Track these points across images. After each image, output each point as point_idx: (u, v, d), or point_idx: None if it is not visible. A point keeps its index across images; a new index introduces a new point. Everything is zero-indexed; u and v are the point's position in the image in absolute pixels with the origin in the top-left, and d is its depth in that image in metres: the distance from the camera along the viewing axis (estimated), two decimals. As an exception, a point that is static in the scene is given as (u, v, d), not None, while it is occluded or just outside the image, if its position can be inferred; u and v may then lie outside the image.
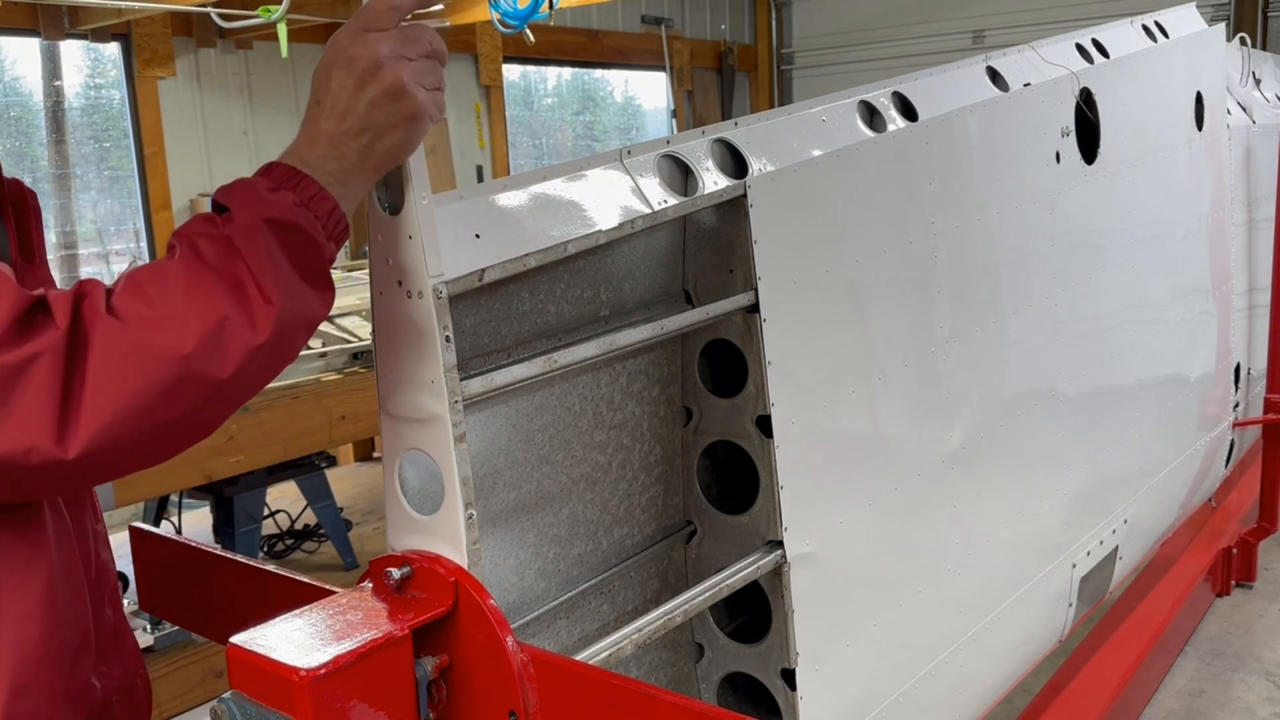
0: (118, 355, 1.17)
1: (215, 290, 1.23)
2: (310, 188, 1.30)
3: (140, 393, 1.19)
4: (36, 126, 9.44)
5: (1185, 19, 3.88)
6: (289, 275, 1.28)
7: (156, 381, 1.19)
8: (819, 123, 2.27)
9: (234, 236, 1.25)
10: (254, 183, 1.30)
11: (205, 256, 1.24)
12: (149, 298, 1.21)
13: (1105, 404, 3.33)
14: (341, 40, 1.37)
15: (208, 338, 1.21)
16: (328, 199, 1.32)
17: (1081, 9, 10.95)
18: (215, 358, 1.22)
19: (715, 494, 2.30)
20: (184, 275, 1.23)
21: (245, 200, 1.28)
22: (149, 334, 1.19)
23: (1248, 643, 4.53)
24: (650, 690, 1.45)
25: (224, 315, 1.22)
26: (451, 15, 9.33)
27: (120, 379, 1.17)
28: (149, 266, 1.24)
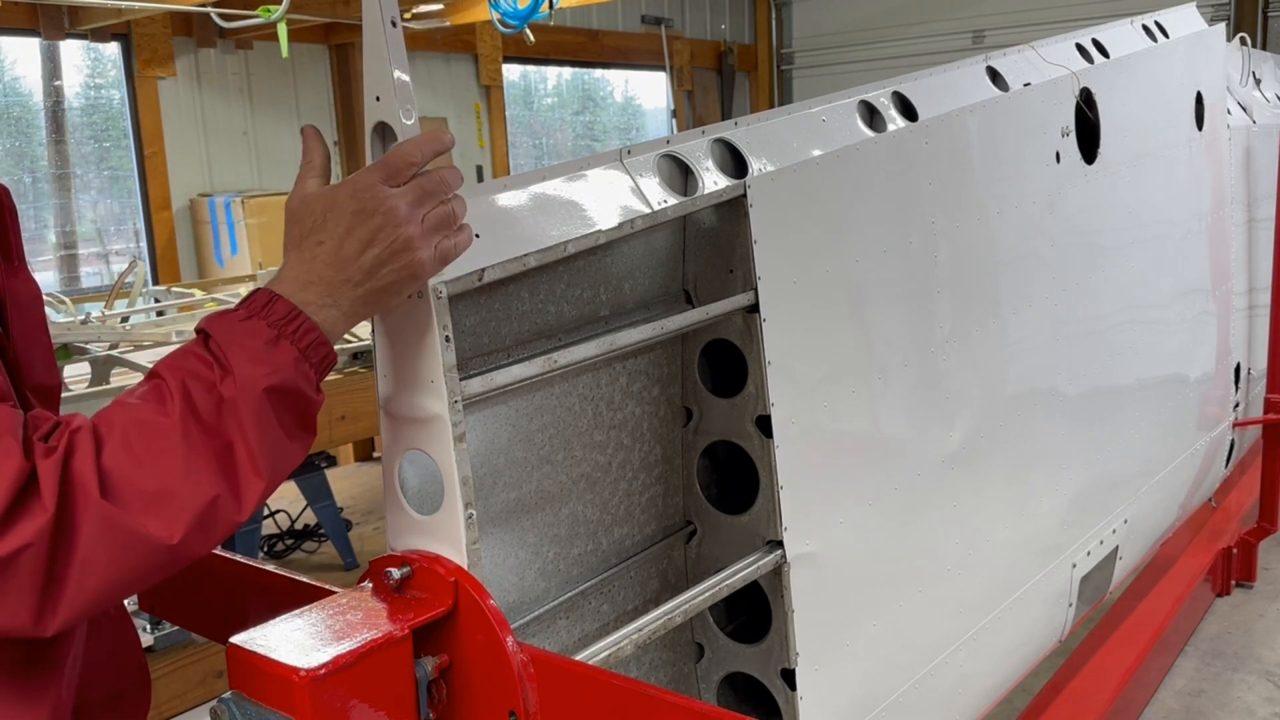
0: (106, 545, 1.15)
1: (208, 463, 1.21)
2: (309, 334, 1.30)
3: (124, 579, 1.18)
4: (36, 126, 9.44)
5: (1185, 19, 3.88)
6: (279, 441, 1.27)
7: (142, 568, 1.19)
8: (819, 123, 2.27)
9: (233, 400, 1.23)
10: (253, 329, 1.28)
11: (200, 415, 1.22)
12: (141, 465, 1.18)
13: (1105, 404, 3.33)
14: (360, 184, 1.34)
15: (197, 523, 1.20)
16: (324, 345, 1.32)
17: (1081, 9, 10.96)
18: (200, 540, 1.21)
19: (715, 494, 2.30)
20: (179, 442, 1.20)
21: (245, 356, 1.25)
22: (139, 520, 1.17)
23: (1248, 643, 4.53)
24: (650, 690, 1.45)
25: (215, 495, 1.21)
26: (451, 15, 9.33)
27: (106, 568, 1.16)
28: (142, 417, 1.21)
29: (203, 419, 1.22)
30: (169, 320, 5.96)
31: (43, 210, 9.51)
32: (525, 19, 6.73)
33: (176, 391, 1.23)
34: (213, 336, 1.28)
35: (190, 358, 1.27)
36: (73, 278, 9.67)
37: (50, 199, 9.52)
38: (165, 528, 1.18)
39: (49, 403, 1.50)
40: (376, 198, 1.33)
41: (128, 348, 5.52)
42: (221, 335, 1.27)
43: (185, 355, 1.27)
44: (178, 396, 1.22)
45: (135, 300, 6.92)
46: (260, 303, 1.30)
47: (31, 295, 1.49)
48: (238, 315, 1.29)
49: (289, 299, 1.30)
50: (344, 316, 1.34)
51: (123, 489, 1.17)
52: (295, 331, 1.29)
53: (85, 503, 1.14)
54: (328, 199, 1.34)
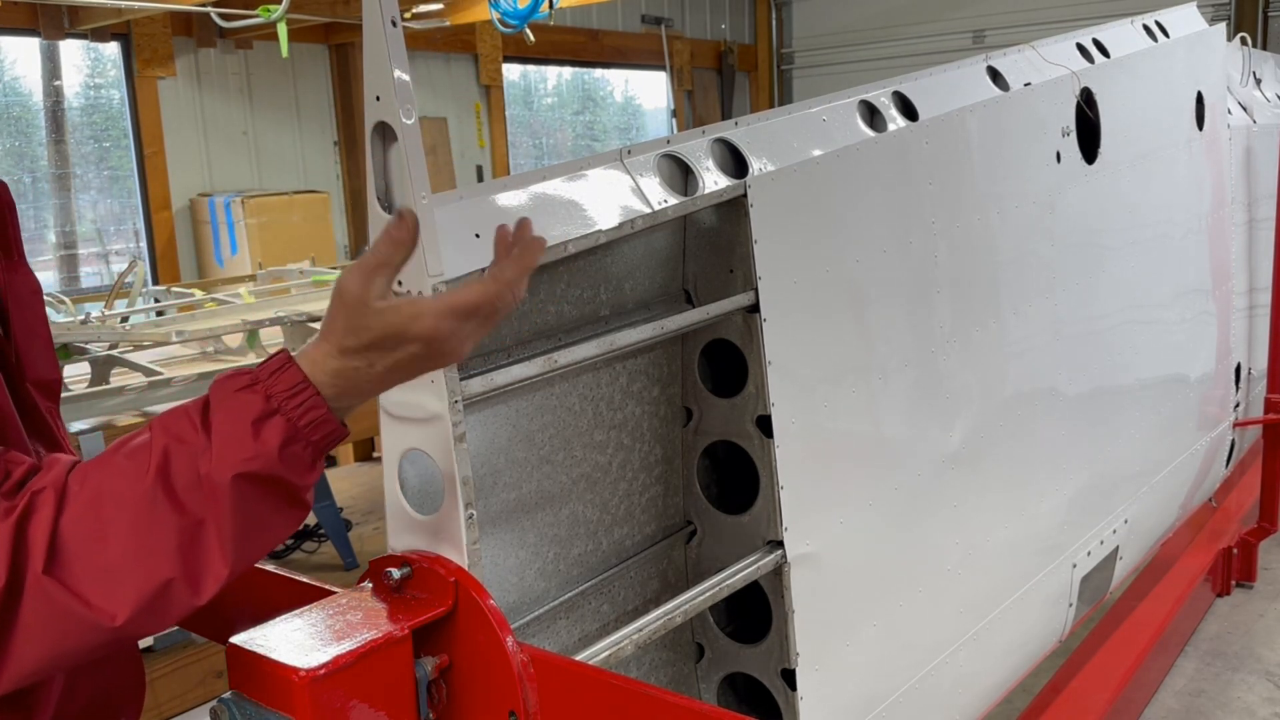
0: (45, 618, 1.11)
1: (168, 543, 1.14)
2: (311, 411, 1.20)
3: (64, 653, 1.15)
4: (36, 126, 9.44)
5: (1186, 19, 3.88)
6: (259, 523, 1.19)
7: (82, 646, 1.15)
8: (819, 122, 2.27)
9: (210, 478, 1.15)
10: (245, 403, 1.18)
11: (174, 489, 1.15)
12: (96, 538, 1.12)
13: (1105, 404, 3.33)
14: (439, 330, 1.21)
15: (144, 606, 1.14)
16: (328, 423, 1.21)
17: (1081, 9, 10.96)
18: (147, 623, 1.15)
19: (715, 494, 2.30)
20: (144, 516, 1.14)
21: (227, 434, 1.16)
22: (83, 596, 1.11)
23: (1248, 643, 4.53)
24: (650, 690, 1.45)
25: (169, 579, 1.14)
26: (451, 15, 9.33)
27: (44, 641, 1.12)
28: (112, 484, 1.14)
29: (175, 493, 1.15)
30: (169, 320, 5.96)
31: (42, 210, 9.51)
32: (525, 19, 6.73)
33: (155, 458, 1.16)
34: (210, 400, 1.19)
35: (183, 420, 1.19)
36: (72, 278, 9.67)
37: (50, 199, 9.52)
38: (109, 606, 1.13)
39: (50, 396, 1.50)
40: (447, 351, 1.23)
41: (127, 348, 5.52)
42: (216, 402, 1.19)
43: (180, 416, 1.19)
44: (154, 465, 1.15)
45: (135, 300, 6.91)
46: (270, 368, 1.21)
47: (31, 290, 1.47)
48: (240, 381, 1.20)
49: (306, 374, 1.20)
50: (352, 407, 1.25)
51: (72, 561, 1.12)
52: (296, 407, 1.19)
53: (30, 573, 1.10)
54: (398, 331, 1.19)
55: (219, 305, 6.29)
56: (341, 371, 1.21)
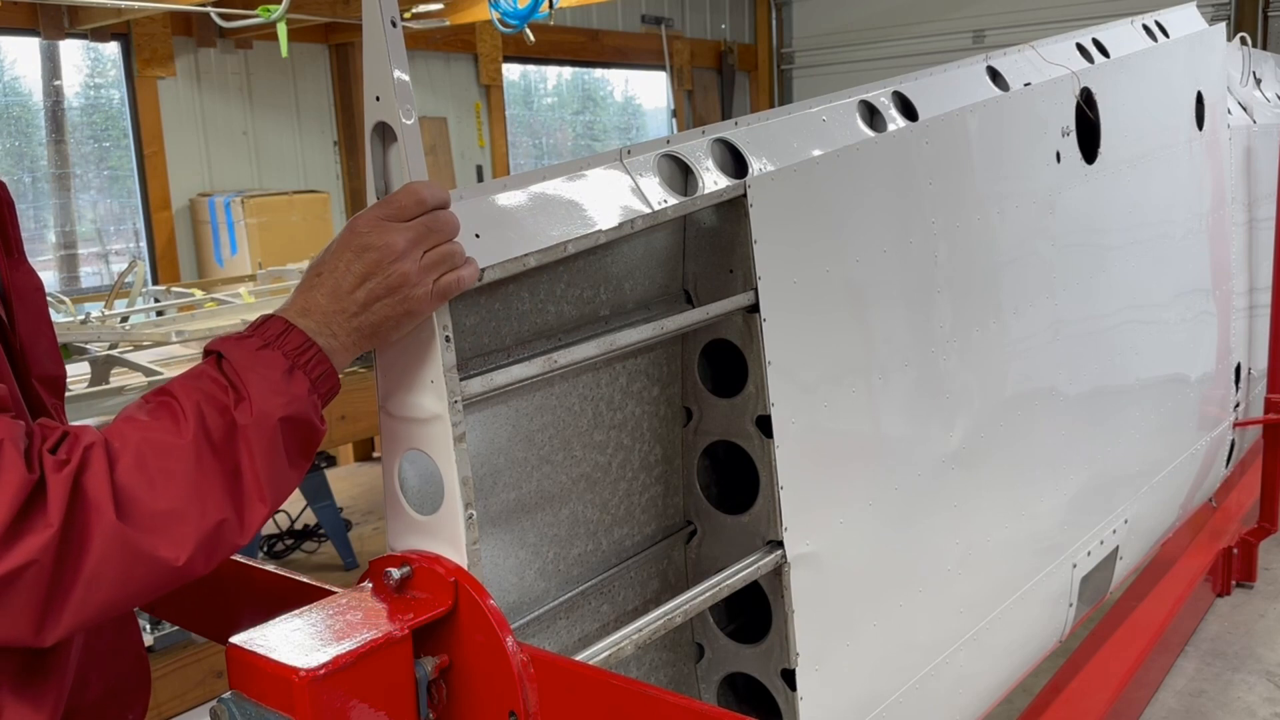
0: (115, 563, 1.16)
1: (217, 486, 1.23)
2: (320, 365, 1.33)
3: (128, 595, 1.20)
4: (36, 126, 9.44)
5: (1186, 19, 3.88)
6: (285, 470, 1.31)
7: (146, 586, 1.21)
8: (819, 122, 2.27)
9: (246, 427, 1.25)
10: (271, 359, 1.30)
11: (213, 438, 1.24)
12: (153, 485, 1.19)
13: (1106, 404, 3.33)
14: (360, 225, 1.38)
15: (203, 544, 1.22)
16: (332, 376, 1.35)
17: (1081, 9, 10.96)
18: (204, 562, 1.24)
19: (715, 494, 2.30)
20: (191, 464, 1.22)
21: (264, 385, 1.28)
22: (149, 540, 1.18)
23: (1248, 643, 4.53)
24: (650, 690, 1.45)
25: (222, 518, 1.24)
26: (451, 15, 9.33)
27: (112, 585, 1.17)
28: (155, 436, 1.22)
29: (215, 443, 1.24)
30: (169, 320, 5.96)
31: (42, 210, 9.51)
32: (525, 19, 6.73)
33: (190, 413, 1.24)
34: (228, 360, 1.29)
35: (205, 379, 1.28)
36: (72, 278, 9.67)
37: (50, 199, 9.52)
38: (173, 548, 1.20)
39: (55, 393, 1.50)
40: (377, 230, 1.36)
41: (127, 348, 5.52)
42: (239, 361, 1.29)
43: (199, 377, 1.28)
44: (191, 418, 1.24)
45: (135, 300, 6.92)
46: (275, 331, 1.32)
47: (33, 286, 1.49)
48: (253, 343, 1.31)
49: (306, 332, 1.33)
50: (342, 348, 1.36)
51: (135, 508, 1.18)
52: (308, 362, 1.32)
53: (99, 520, 1.15)
54: (339, 238, 1.38)
55: (219, 305, 6.29)
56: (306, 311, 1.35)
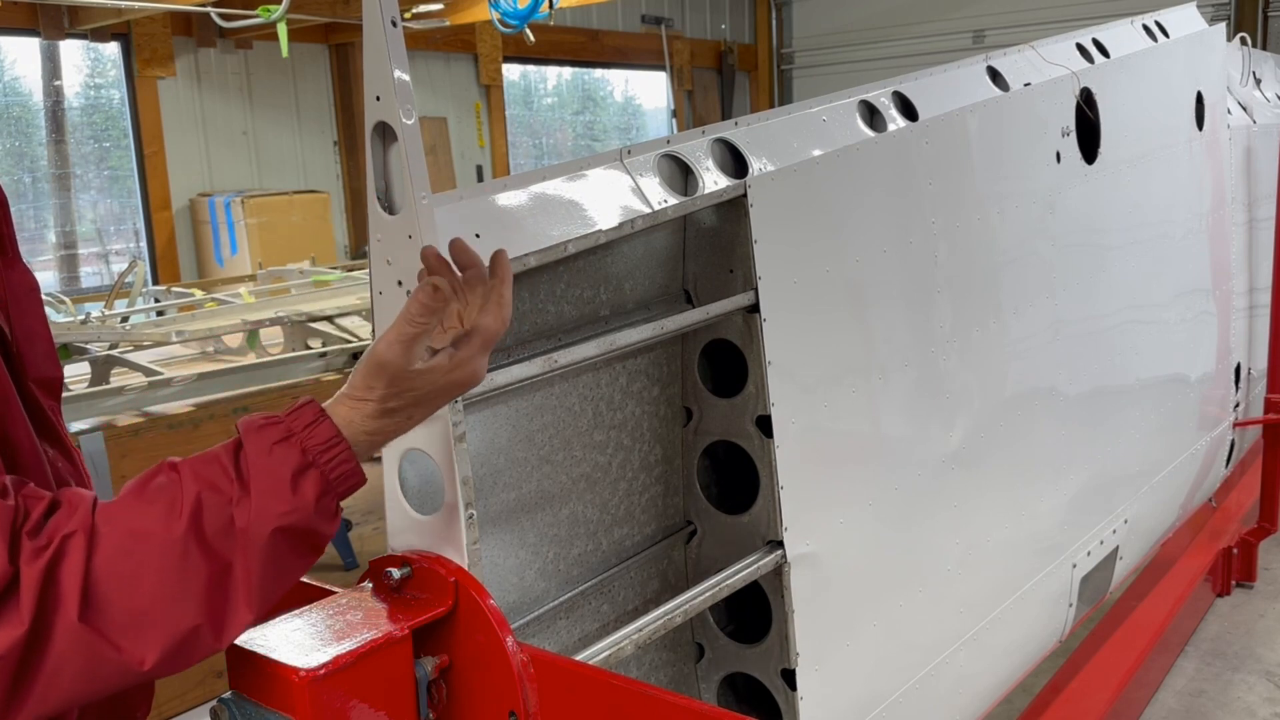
0: (75, 663, 1.12)
1: (198, 589, 1.16)
2: (343, 464, 1.25)
3: (87, 693, 1.15)
4: (36, 126, 9.45)
5: (1185, 19, 3.88)
6: (280, 576, 1.23)
7: (107, 686, 1.16)
8: (819, 122, 2.27)
9: (245, 530, 1.18)
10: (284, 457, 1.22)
11: (205, 535, 1.17)
12: (128, 582, 1.13)
13: (1106, 404, 3.33)
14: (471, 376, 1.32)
15: (171, 651, 1.16)
16: (355, 475, 1.27)
17: (1081, 9, 10.96)
18: (170, 666, 1.17)
19: (715, 494, 2.30)
20: (175, 562, 1.15)
21: (267, 487, 1.20)
22: (114, 642, 1.13)
23: (1248, 643, 4.53)
24: (650, 690, 1.45)
25: (196, 625, 1.17)
26: (451, 15, 9.33)
27: (71, 683, 1.12)
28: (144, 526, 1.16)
29: (207, 540, 1.17)
30: (169, 320, 5.96)
31: (42, 210, 9.51)
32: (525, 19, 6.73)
33: (188, 505, 1.17)
34: (244, 449, 1.22)
35: (215, 466, 1.21)
36: (72, 278, 9.67)
37: (50, 199, 9.52)
38: (138, 651, 1.14)
39: (52, 394, 1.48)
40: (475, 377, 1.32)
41: (127, 348, 5.52)
42: (252, 452, 1.22)
43: (211, 462, 1.22)
44: (186, 511, 1.17)
45: (135, 300, 6.92)
46: (303, 422, 1.25)
47: (28, 287, 1.45)
48: (275, 433, 1.23)
49: (339, 426, 1.25)
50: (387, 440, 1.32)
51: (104, 606, 1.12)
52: (330, 461, 1.24)
53: (63, 618, 1.10)
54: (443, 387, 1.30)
55: (219, 305, 6.29)
56: (381, 429, 1.29)
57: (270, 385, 5.32)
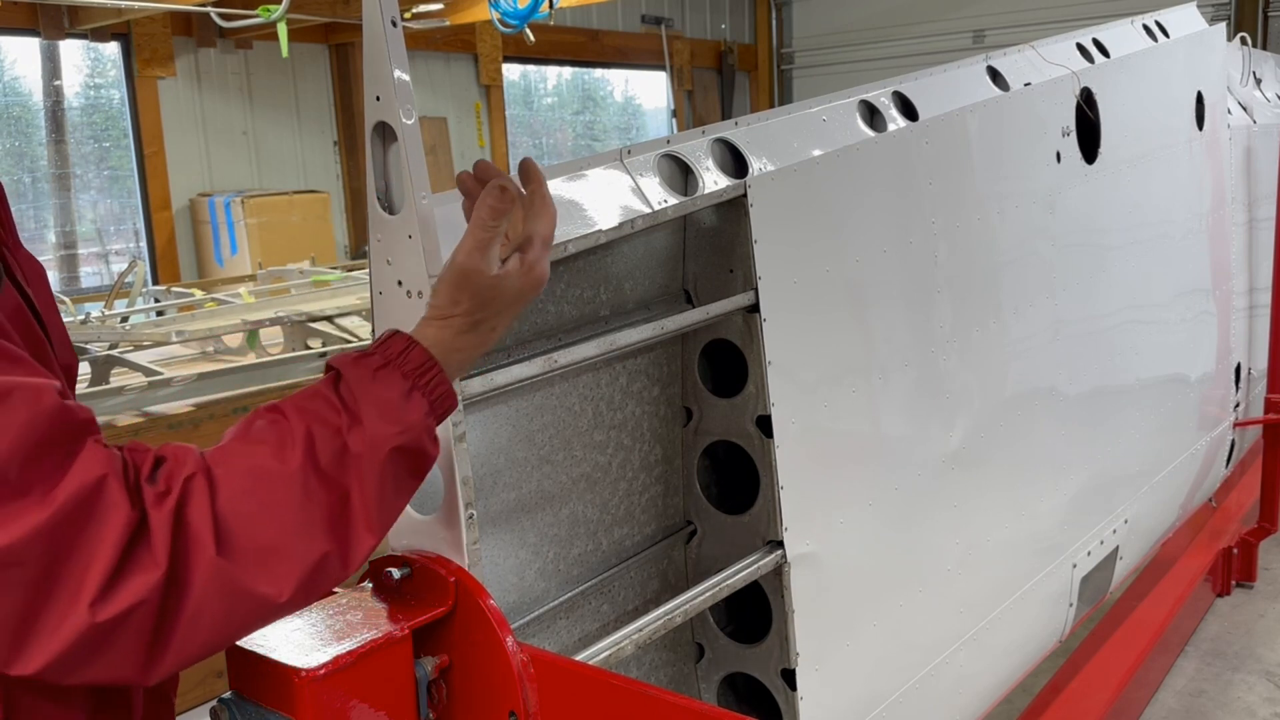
0: (216, 601, 1.11)
1: (322, 518, 1.17)
2: (440, 385, 1.28)
3: (229, 634, 1.15)
4: (36, 126, 9.45)
5: (1186, 19, 3.88)
6: (395, 498, 1.25)
7: (248, 624, 1.16)
8: (819, 122, 2.27)
9: (359, 455, 1.19)
10: (389, 380, 1.24)
11: (321, 466, 1.18)
12: (256, 518, 1.13)
13: (1106, 404, 3.33)
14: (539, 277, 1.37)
15: (305, 580, 1.16)
16: (451, 397, 1.30)
17: (1081, 9, 10.96)
18: (304, 598, 1.18)
19: (715, 494, 2.30)
20: (298, 494, 1.16)
21: (378, 411, 1.22)
22: (250, 577, 1.13)
23: (1248, 643, 4.53)
24: (650, 690, 1.45)
25: (325, 552, 1.17)
26: (451, 15, 9.33)
27: (213, 624, 1.12)
28: (260, 463, 1.16)
29: (323, 470, 1.18)
30: (169, 320, 5.96)
31: (42, 210, 9.51)
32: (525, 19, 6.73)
33: (300, 437, 1.18)
34: (345, 380, 1.23)
35: (319, 400, 1.22)
36: (73, 278, 9.67)
37: (50, 199, 9.53)
38: (274, 585, 1.14)
39: (69, 382, 1.47)
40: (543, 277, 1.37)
41: (127, 348, 5.52)
42: (355, 382, 1.23)
43: (313, 397, 1.23)
44: (300, 444, 1.18)
45: (135, 300, 6.92)
46: (397, 349, 1.27)
47: (38, 274, 1.44)
48: (373, 361, 1.25)
49: (429, 348, 1.28)
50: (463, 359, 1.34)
51: (236, 543, 1.12)
52: (429, 383, 1.26)
53: (199, 557, 1.09)
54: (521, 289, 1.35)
55: (219, 305, 6.30)
56: (469, 345, 1.32)
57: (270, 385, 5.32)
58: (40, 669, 1.05)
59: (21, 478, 1.02)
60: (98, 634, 1.05)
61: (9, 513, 1.02)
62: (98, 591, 1.04)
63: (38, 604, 1.03)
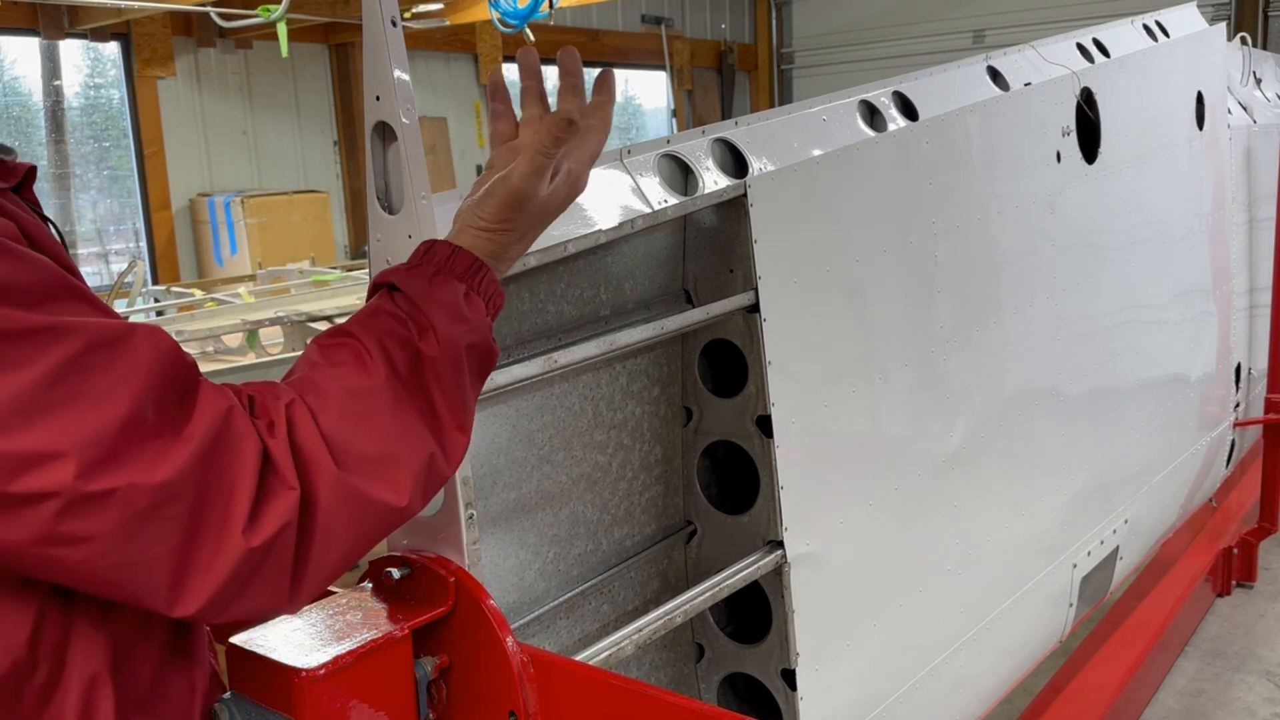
0: (344, 514, 1.14)
1: (418, 422, 1.21)
2: (491, 284, 1.31)
3: (359, 546, 1.18)
4: (36, 126, 9.45)
5: (1186, 18, 3.88)
6: (471, 396, 1.28)
7: (374, 534, 1.19)
8: (819, 122, 2.27)
9: (434, 359, 1.22)
10: (448, 286, 1.26)
11: (402, 375, 1.21)
12: (359, 431, 1.16)
13: (1106, 404, 3.33)
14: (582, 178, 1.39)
15: (419, 482, 1.20)
16: (501, 294, 1.33)
17: (1081, 9, 10.96)
18: (421, 500, 1.22)
19: (715, 494, 2.30)
20: (390, 404, 1.19)
21: (445, 314, 1.24)
22: (370, 487, 1.16)
23: (1248, 643, 4.53)
24: (650, 690, 1.45)
25: (430, 453, 1.21)
26: (451, 15, 9.33)
27: (344, 538, 1.15)
28: (348, 382, 1.18)
29: (405, 379, 1.21)
30: (169, 320, 5.96)
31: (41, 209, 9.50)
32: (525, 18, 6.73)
33: (376, 352, 1.21)
34: (404, 292, 1.26)
35: (383, 315, 1.24)
36: (72, 278, 9.65)
37: (50, 199, 9.52)
38: (393, 491, 1.17)
39: None
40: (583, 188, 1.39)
41: (127, 347, 5.49)
42: (415, 292, 1.25)
43: (376, 313, 1.25)
44: (379, 358, 1.20)
45: (135, 300, 6.92)
46: (443, 255, 1.29)
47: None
48: (425, 270, 1.28)
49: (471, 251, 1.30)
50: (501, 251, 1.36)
51: (349, 457, 1.15)
52: (480, 282, 1.29)
53: (321, 475, 1.12)
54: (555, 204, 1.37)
55: (219, 305, 6.30)
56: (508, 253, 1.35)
57: (270, 385, 5.31)
58: (202, 606, 1.06)
59: (159, 415, 1.04)
60: (253, 560, 1.06)
61: (156, 449, 1.02)
62: (247, 518, 1.06)
63: (194, 537, 1.04)
